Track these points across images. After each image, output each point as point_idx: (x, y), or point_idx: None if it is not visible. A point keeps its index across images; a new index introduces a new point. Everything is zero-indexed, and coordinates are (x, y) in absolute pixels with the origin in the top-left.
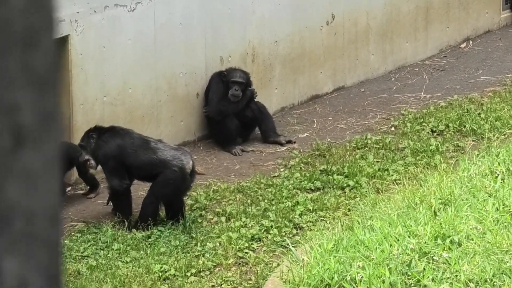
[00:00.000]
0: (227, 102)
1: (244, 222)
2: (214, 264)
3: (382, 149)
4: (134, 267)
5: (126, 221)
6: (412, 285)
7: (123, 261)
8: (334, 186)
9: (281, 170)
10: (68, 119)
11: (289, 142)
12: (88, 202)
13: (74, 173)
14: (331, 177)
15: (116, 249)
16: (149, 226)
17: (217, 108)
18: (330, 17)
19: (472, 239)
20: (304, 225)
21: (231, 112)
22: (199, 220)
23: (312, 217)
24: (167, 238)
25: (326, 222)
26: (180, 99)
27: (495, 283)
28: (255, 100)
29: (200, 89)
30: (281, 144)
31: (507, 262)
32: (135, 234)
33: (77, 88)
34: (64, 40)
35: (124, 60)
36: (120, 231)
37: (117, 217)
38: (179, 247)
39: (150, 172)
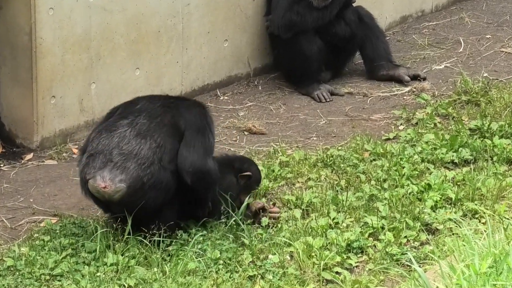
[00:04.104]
0: (305, 8)
1: (334, 219)
2: None
3: None
4: None
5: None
6: None
7: (123, 285)
8: (495, 158)
9: (400, 128)
10: (28, 35)
11: (415, 78)
12: (64, 181)
13: (38, 132)
14: (489, 142)
15: (112, 264)
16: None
17: (288, 19)
18: None
19: None
20: (441, 227)
21: (312, 27)
22: None
23: (455, 212)
24: (199, 246)
25: (479, 221)
26: (223, 4)
27: None
28: (354, 5)
29: None
30: (401, 82)
31: None
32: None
33: None
34: None
35: None
36: (119, 231)
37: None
38: (221, 262)
39: None
